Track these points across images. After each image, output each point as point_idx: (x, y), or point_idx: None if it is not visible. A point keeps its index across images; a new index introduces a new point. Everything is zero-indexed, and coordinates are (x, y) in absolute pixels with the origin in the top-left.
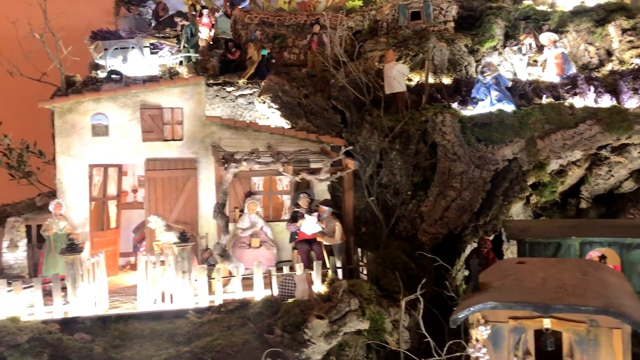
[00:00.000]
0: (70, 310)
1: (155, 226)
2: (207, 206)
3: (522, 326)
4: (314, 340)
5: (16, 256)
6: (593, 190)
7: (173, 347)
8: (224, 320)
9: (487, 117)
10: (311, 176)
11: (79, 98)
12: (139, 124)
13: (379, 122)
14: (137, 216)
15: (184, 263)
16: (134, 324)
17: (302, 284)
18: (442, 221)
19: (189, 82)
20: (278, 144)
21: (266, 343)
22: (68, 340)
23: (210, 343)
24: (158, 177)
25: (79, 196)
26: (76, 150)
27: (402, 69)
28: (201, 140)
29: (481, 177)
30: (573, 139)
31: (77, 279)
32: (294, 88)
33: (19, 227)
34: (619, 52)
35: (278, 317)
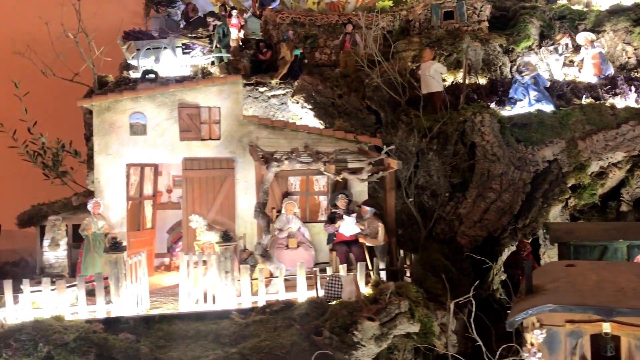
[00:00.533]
0: (113, 310)
1: (197, 225)
2: (244, 206)
3: (579, 330)
4: (364, 342)
5: (57, 255)
6: (634, 193)
7: (219, 348)
8: (269, 322)
9: (527, 118)
10: (352, 176)
11: (118, 97)
12: (177, 123)
13: (417, 123)
14: (171, 217)
15: (227, 263)
16: (178, 325)
17: (350, 285)
18: (482, 223)
19: (226, 81)
20: (315, 144)
21: (314, 345)
22: (113, 340)
23: (257, 344)
24: (195, 177)
25: (116, 195)
26: (114, 149)
27: (440, 68)
28: (238, 139)
29: (521, 179)
30: (615, 140)
31: (120, 278)
32: (328, 88)
33: (60, 225)
34: None
35: (325, 319)
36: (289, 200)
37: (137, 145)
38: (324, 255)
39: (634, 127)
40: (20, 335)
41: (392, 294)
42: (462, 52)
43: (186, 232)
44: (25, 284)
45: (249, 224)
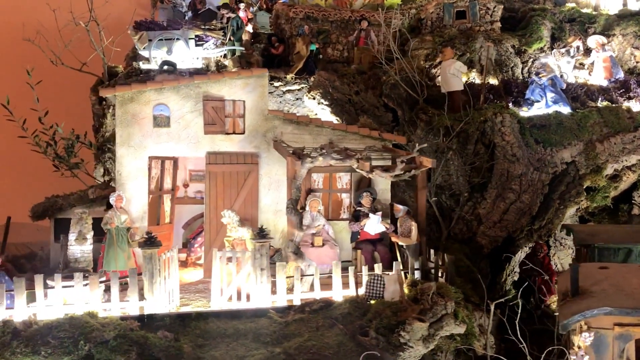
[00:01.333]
0: (146, 307)
1: (229, 221)
2: (267, 202)
3: (628, 333)
4: (412, 343)
5: (83, 249)
6: None
7: (262, 347)
8: (310, 321)
9: (545, 119)
10: (385, 174)
11: (141, 87)
12: (201, 115)
13: (438, 121)
14: (186, 212)
15: (263, 260)
16: (215, 323)
17: (393, 285)
18: (501, 224)
19: (252, 74)
20: (340, 141)
21: (360, 345)
22: (153, 339)
23: (303, 344)
24: (219, 172)
25: (138, 189)
26: (136, 141)
27: (461, 67)
28: (263, 134)
29: (540, 180)
30: (633, 143)
31: (155, 274)
32: (345, 84)
33: (86, 218)
34: None
35: (369, 319)
36: (314, 198)
37: (160, 137)
38: (346, 253)
39: None
40: (58, 333)
41: (434, 295)
42: (482, 52)
43: (208, 227)
44: (57, 279)
45: (272, 220)
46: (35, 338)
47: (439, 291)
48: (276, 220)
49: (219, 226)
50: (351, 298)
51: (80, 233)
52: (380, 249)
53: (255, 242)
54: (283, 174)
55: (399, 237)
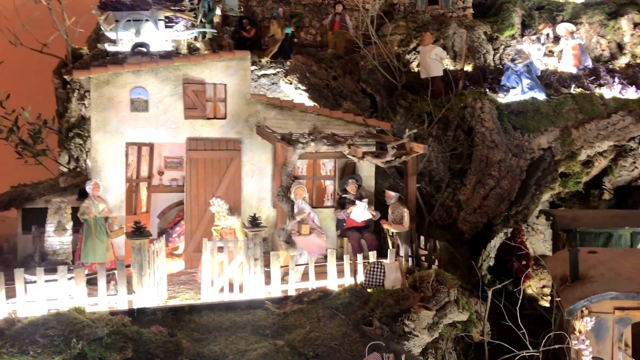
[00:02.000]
0: (135, 301)
1: (219, 209)
2: (250, 190)
3: (628, 317)
4: (417, 332)
5: (62, 240)
6: (615, 182)
7: (263, 340)
8: (310, 311)
9: (523, 105)
10: (377, 160)
11: (118, 69)
12: (181, 99)
13: (418, 107)
14: (162, 200)
15: (256, 250)
16: (210, 316)
17: (394, 273)
18: (482, 210)
19: (234, 57)
20: (324, 126)
21: (365, 335)
22: (148, 334)
23: (306, 336)
24: (200, 158)
25: (114, 177)
26: (113, 127)
27: (440, 52)
28: (245, 119)
29: (518, 166)
30: (607, 130)
31: (144, 266)
32: (322, 69)
33: (65, 208)
34: (631, 46)
35: (371, 308)
36: (299, 185)
37: (138, 122)
38: (331, 241)
39: (624, 117)
40: (46, 330)
41: (434, 282)
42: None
43: (189, 216)
44: (40, 272)
45: (255, 208)
46: (21, 337)
47: (437, 278)
48: (260, 208)
49: (200, 215)
50: (349, 287)
51: (59, 224)
52: (368, 237)
53: (249, 231)
54: (267, 161)
55: (391, 224)
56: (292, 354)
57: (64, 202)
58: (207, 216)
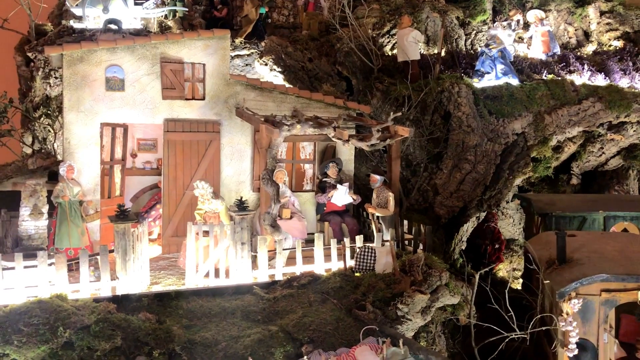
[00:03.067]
0: (119, 287)
1: (203, 192)
2: (229, 173)
3: (614, 299)
4: (410, 316)
5: (38, 225)
6: (583, 167)
7: (256, 325)
8: (300, 296)
9: (498, 90)
10: (361, 143)
11: (92, 46)
12: (158, 79)
13: (397, 91)
14: (135, 184)
15: (243, 233)
16: (197, 302)
17: (385, 257)
18: (458, 194)
19: (213, 35)
20: (304, 109)
21: (358, 320)
22: (137, 322)
23: (299, 321)
24: (178, 140)
25: (89, 159)
26: (87, 106)
27: (418, 36)
28: (224, 100)
29: (493, 151)
30: (578, 115)
31: (128, 251)
32: (298, 51)
33: (41, 191)
34: (597, 34)
35: (362, 292)
36: (279, 169)
37: (113, 102)
38: (311, 225)
39: (594, 104)
40: (30, 319)
41: (424, 266)
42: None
43: (167, 200)
44: (18, 258)
45: (235, 192)
46: (3, 326)
47: (425, 262)
48: (239, 192)
49: (178, 199)
50: (339, 271)
51: (35, 207)
52: (349, 221)
53: (236, 214)
54: (246, 143)
55: (376, 208)
56: (287, 340)
57: (39, 184)
58: (185, 200)
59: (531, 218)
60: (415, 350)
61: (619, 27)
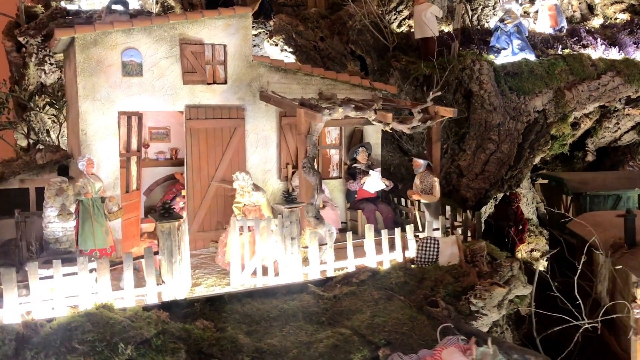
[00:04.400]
0: (165, 292)
1: (244, 184)
2: (254, 162)
3: None
4: (486, 310)
5: (65, 226)
6: (599, 143)
7: (323, 328)
8: (363, 293)
9: (518, 67)
10: (402, 125)
11: (107, 28)
12: (178, 62)
13: (413, 69)
14: (147, 176)
15: (293, 228)
16: (252, 304)
17: (450, 248)
18: (483, 175)
19: (234, 14)
20: (329, 91)
21: (432, 318)
22: (197, 331)
23: (371, 322)
24: (201, 128)
25: (107, 151)
26: (103, 94)
27: (436, 11)
28: (248, 84)
29: (516, 129)
30: (598, 90)
31: (174, 253)
32: (309, 30)
33: (68, 189)
34: (601, 7)
35: (430, 287)
36: None
37: (131, 88)
38: (341, 215)
39: (613, 78)
40: (83, 335)
41: (485, 256)
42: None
43: (191, 193)
44: (57, 265)
45: (261, 181)
46: (53, 344)
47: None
48: (265, 182)
49: (203, 191)
50: (398, 264)
51: (63, 207)
52: (383, 208)
53: (286, 207)
54: (271, 129)
55: (421, 194)
56: (362, 343)
57: (65, 181)
58: (211, 191)
59: (557, 197)
60: (507, 350)
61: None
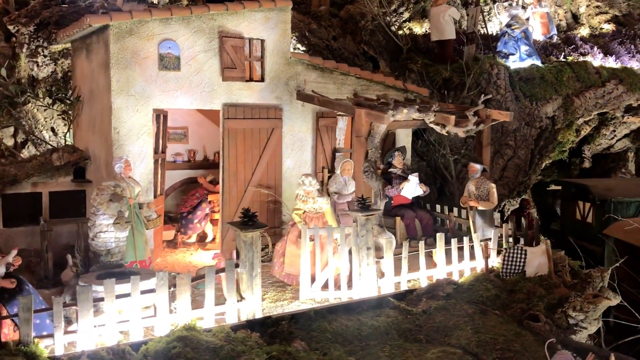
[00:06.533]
0: (243, 309)
1: (310, 189)
2: (289, 165)
3: None
4: (587, 323)
5: (118, 237)
6: (594, 150)
7: (424, 348)
8: (454, 307)
9: (529, 72)
10: (457, 129)
11: (144, 16)
12: (216, 56)
13: (432, 72)
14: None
15: (368, 237)
16: (338, 321)
17: (538, 258)
18: (502, 181)
19: (275, 6)
20: (364, 91)
21: (535, 333)
22: (303, 354)
23: (478, 339)
24: (239, 129)
25: (141, 152)
26: (138, 89)
27: (454, 13)
28: (285, 82)
29: (530, 135)
30: (604, 98)
31: (255, 265)
32: (322, 28)
33: (122, 194)
34: (586, 17)
35: (524, 300)
36: (347, 159)
37: (167, 84)
38: None
39: (617, 86)
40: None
41: (566, 265)
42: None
43: (228, 197)
44: (135, 282)
45: (295, 186)
46: None
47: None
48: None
49: (239, 196)
50: (480, 276)
51: (121, 215)
52: (423, 215)
53: (362, 215)
54: (307, 131)
55: (479, 201)
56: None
57: (119, 185)
58: (247, 197)
59: (572, 204)
60: None
61: (609, 10)
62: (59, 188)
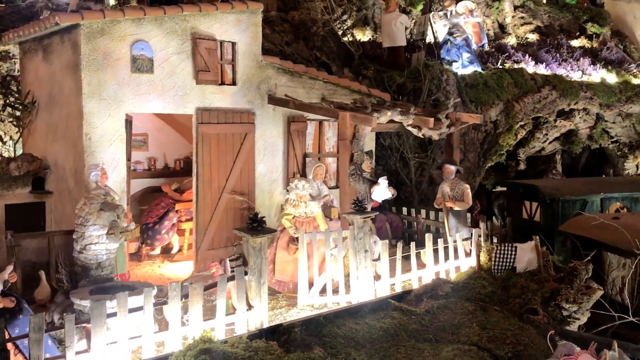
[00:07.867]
0: (251, 319)
1: (303, 193)
2: (262, 171)
3: None
4: (579, 314)
5: (109, 248)
6: (528, 153)
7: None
8: (455, 306)
9: (474, 78)
10: (431, 132)
11: (116, 16)
12: (189, 59)
13: (385, 78)
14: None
15: (366, 240)
16: (346, 325)
17: (528, 254)
18: None
19: (246, 8)
20: (331, 95)
21: (536, 326)
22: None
23: (489, 335)
24: (213, 134)
25: (114, 159)
26: (110, 92)
27: (405, 20)
28: (257, 86)
29: (477, 139)
30: (540, 103)
31: (263, 273)
32: (276, 33)
33: (113, 201)
34: (512, 27)
35: (519, 295)
36: (319, 164)
37: (140, 87)
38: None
39: (551, 92)
40: None
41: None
42: (375, 9)
43: (202, 206)
44: (148, 294)
45: (267, 192)
46: None
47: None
48: (272, 192)
49: (213, 204)
50: (472, 274)
51: (114, 224)
52: (394, 218)
53: (360, 217)
54: (278, 136)
55: (454, 201)
56: (491, 357)
57: (109, 194)
58: (222, 205)
59: (517, 204)
60: (633, 351)
61: (532, 20)
62: (17, 200)
